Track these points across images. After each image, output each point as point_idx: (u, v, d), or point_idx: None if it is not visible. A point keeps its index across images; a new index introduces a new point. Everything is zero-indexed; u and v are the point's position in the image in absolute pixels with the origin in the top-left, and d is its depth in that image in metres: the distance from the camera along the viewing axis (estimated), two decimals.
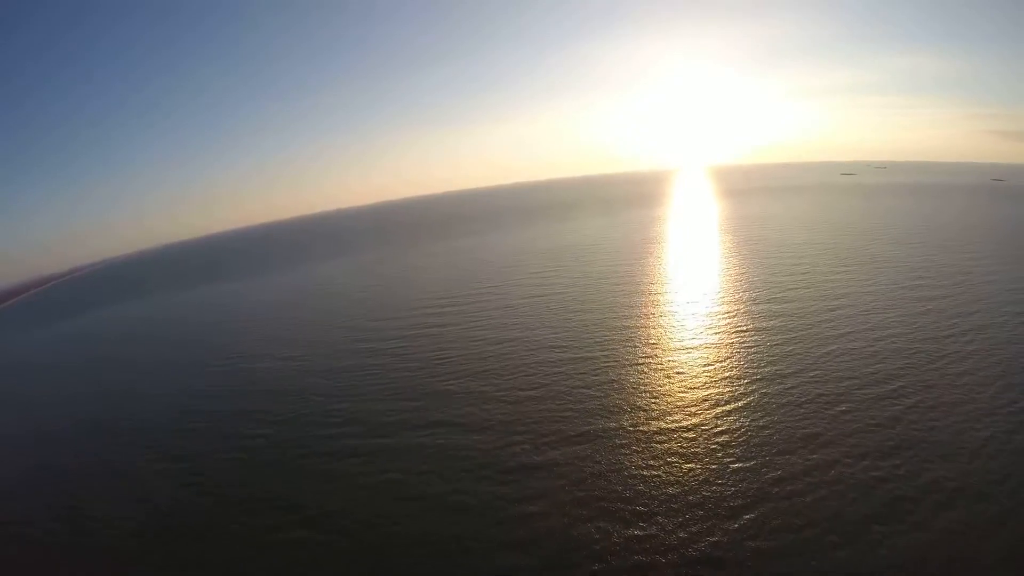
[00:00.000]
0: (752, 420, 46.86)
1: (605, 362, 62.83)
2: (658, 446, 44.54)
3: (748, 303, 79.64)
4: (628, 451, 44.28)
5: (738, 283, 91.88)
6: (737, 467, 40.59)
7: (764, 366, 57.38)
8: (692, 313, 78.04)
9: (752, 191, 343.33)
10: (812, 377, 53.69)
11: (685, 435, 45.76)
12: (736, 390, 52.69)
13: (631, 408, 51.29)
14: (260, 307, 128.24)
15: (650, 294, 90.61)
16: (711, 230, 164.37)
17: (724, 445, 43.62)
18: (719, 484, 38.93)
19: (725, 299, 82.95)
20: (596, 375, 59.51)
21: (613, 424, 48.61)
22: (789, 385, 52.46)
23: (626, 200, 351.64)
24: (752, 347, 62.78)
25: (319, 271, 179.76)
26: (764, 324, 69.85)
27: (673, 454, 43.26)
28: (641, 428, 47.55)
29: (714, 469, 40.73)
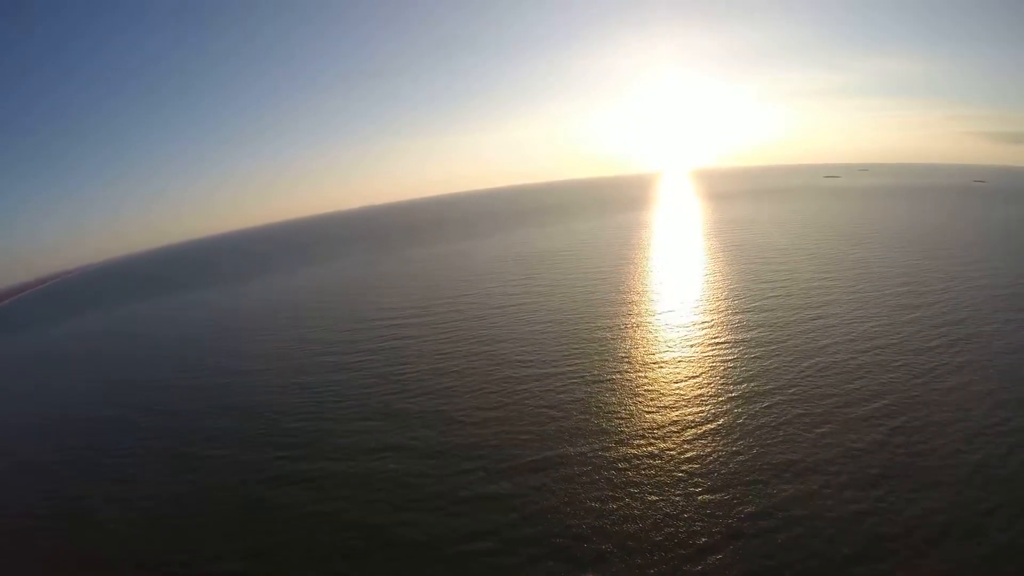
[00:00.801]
0: (724, 445, 43.09)
1: (571, 379, 58.98)
2: (621, 475, 40.66)
3: (725, 313, 76.09)
4: (588, 481, 40.38)
5: (716, 292, 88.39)
6: (705, 499, 36.79)
7: (740, 383, 53.71)
8: (666, 324, 74.40)
9: (735, 194, 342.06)
10: (791, 395, 50.03)
11: (651, 462, 41.92)
12: (708, 410, 48.95)
13: (595, 431, 47.43)
14: (224, 318, 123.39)
15: (624, 303, 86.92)
16: (692, 235, 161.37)
17: (692, 474, 39.80)
18: (685, 519, 35.10)
19: (701, 309, 79.33)
20: (561, 393, 55.62)
21: (573, 450, 44.69)
22: (766, 404, 48.78)
23: (611, 204, 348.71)
24: (728, 362, 59.15)
25: (292, 280, 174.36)
26: (741, 336, 66.29)
27: (636, 484, 39.38)
28: (603, 454, 43.67)
29: (680, 502, 36.89)
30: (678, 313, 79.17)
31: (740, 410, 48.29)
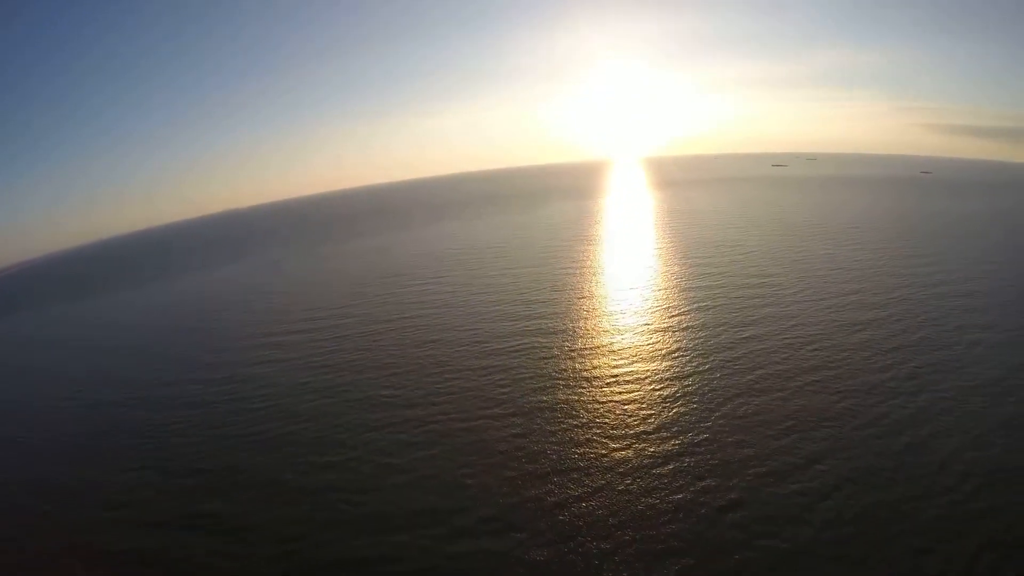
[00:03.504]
0: (593, 543, 29.84)
1: (448, 419, 45.49)
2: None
3: (639, 333, 63.17)
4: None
5: (639, 302, 75.48)
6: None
7: (629, 441, 40.62)
8: (559, 351, 61.01)
9: (684, 183, 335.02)
10: (689, 465, 37.14)
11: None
12: (581, 480, 35.74)
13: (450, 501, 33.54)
14: (124, 325, 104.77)
15: (531, 317, 73.13)
16: (634, 229, 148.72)
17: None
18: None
19: (607, 329, 66.09)
20: (432, 426, 41.95)
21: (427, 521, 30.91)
22: (654, 482, 35.74)
23: (563, 191, 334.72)
24: (626, 410, 45.97)
25: (201, 280, 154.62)
26: (648, 368, 53.34)
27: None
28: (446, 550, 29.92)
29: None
30: (583, 330, 65.80)
31: (621, 486, 35.07)
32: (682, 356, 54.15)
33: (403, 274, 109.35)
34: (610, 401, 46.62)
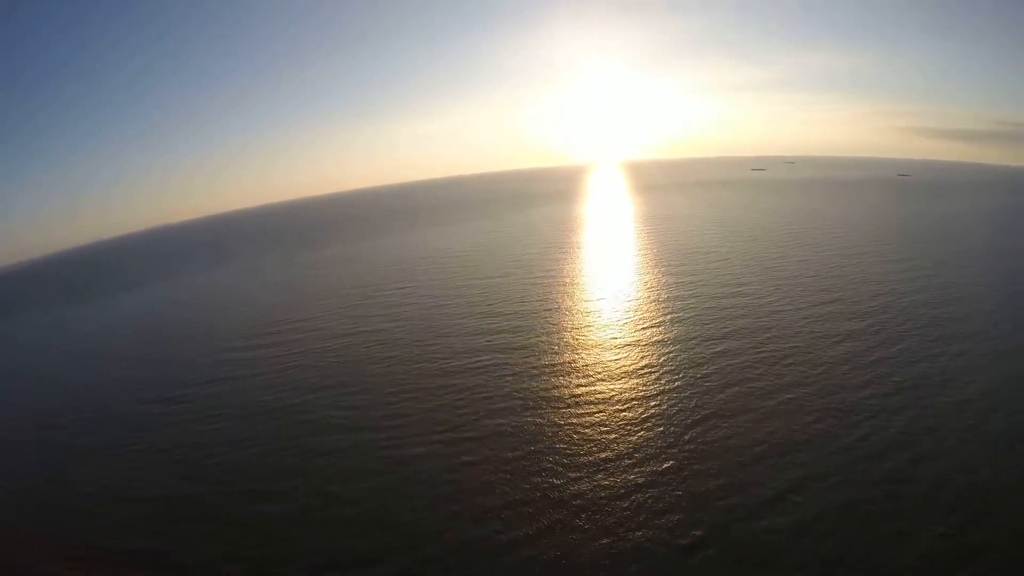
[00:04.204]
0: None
1: (399, 444, 42.16)
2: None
3: (606, 349, 59.75)
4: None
5: (608, 315, 72.12)
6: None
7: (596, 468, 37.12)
8: (520, 368, 57.46)
9: (663, 187, 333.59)
10: (652, 498, 33.77)
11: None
12: (534, 517, 32.25)
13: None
14: (78, 339, 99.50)
15: (494, 332, 69.45)
16: (607, 235, 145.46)
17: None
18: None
19: (572, 344, 62.41)
20: (388, 448, 38.83)
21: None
22: (612, 518, 32.25)
23: (540, 196, 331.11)
24: (586, 435, 42.48)
25: (159, 292, 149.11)
26: (613, 388, 49.93)
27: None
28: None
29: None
30: (541, 346, 62.33)
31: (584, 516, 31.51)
32: (650, 374, 50.78)
33: (368, 285, 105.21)
34: (570, 425, 43.12)
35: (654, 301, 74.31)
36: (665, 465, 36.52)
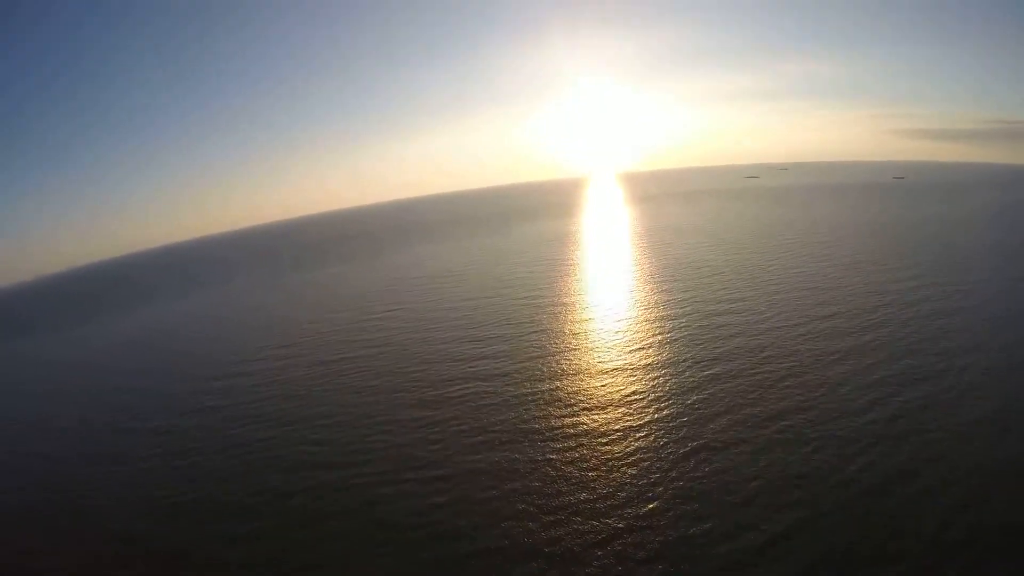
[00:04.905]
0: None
1: (368, 483, 39.36)
2: None
3: (591, 376, 56.54)
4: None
5: (596, 337, 68.92)
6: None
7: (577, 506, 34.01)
8: (499, 398, 54.42)
9: (658, 197, 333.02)
10: (631, 546, 30.59)
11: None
12: (502, 569, 29.10)
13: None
14: (51, 368, 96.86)
15: (476, 359, 66.45)
16: (600, 251, 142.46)
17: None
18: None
19: (556, 371, 58.88)
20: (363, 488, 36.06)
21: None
22: (585, 571, 29.14)
23: (535, 210, 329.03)
24: (565, 473, 39.43)
25: (143, 317, 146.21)
26: (597, 419, 46.87)
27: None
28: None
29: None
30: (521, 369, 59.35)
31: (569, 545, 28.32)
32: (637, 402, 47.71)
33: (357, 308, 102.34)
34: (548, 461, 40.04)
35: (644, 320, 71.30)
36: (649, 507, 33.36)
